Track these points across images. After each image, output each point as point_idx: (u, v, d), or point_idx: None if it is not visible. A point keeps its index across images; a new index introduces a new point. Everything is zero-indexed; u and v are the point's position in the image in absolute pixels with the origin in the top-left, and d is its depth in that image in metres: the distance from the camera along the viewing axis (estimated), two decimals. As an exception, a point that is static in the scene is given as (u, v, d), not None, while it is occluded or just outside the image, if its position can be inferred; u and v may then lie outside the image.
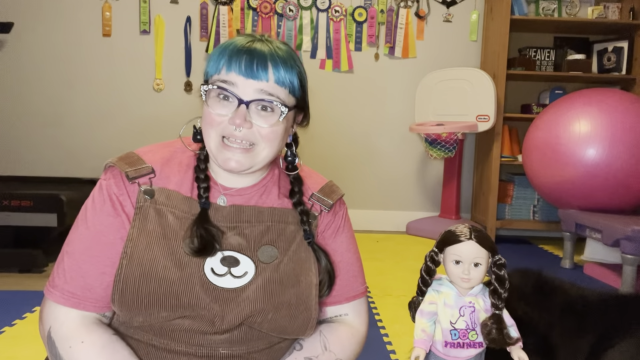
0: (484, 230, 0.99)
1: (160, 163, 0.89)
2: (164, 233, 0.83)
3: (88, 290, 0.82)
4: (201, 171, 0.88)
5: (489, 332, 0.86)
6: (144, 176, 0.86)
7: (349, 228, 0.99)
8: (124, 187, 0.85)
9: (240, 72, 0.81)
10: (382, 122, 3.74)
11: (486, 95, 3.28)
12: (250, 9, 3.57)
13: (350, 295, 0.96)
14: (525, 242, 3.59)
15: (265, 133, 0.84)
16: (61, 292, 0.82)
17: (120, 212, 0.84)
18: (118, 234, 0.84)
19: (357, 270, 0.98)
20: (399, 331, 1.89)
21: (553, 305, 1.22)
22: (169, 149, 0.92)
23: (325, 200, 0.95)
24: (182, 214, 0.85)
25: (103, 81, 3.59)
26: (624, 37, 3.45)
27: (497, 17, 3.38)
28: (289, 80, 0.85)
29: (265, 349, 0.87)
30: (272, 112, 0.84)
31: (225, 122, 0.83)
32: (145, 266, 0.81)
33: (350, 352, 0.93)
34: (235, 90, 0.82)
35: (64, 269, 0.84)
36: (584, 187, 2.74)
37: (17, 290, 2.20)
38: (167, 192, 0.86)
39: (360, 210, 3.79)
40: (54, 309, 0.83)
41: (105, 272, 0.82)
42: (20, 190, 2.46)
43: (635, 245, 2.33)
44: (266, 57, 0.83)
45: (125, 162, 0.87)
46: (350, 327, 0.95)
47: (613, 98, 2.81)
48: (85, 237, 0.84)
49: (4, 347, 1.67)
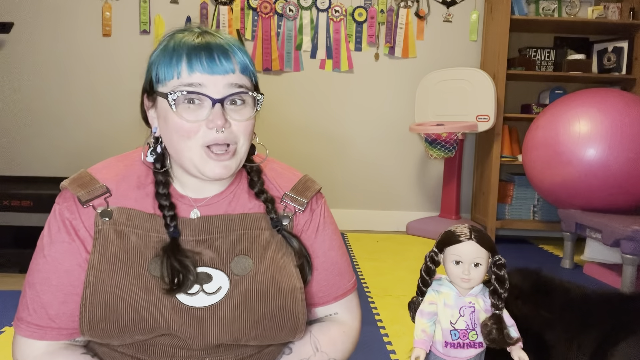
0: (483, 230, 0.99)
1: (116, 180, 0.83)
2: (127, 256, 0.78)
3: (51, 320, 0.79)
4: (163, 197, 0.81)
5: (489, 332, 0.86)
6: (98, 197, 0.80)
7: (330, 223, 0.93)
8: (76, 211, 0.80)
9: (204, 70, 0.76)
10: (382, 122, 3.74)
11: (486, 95, 3.28)
12: (250, 9, 3.57)
13: (338, 294, 0.93)
14: (525, 242, 3.59)
15: (243, 127, 0.80)
16: (26, 325, 0.81)
17: (74, 238, 0.80)
18: (75, 260, 0.79)
19: (343, 267, 0.94)
20: (399, 331, 1.89)
21: (553, 303, 1.22)
22: (124, 163, 0.86)
23: (298, 199, 0.88)
24: (146, 232, 0.80)
25: (103, 81, 3.60)
26: (624, 37, 3.45)
27: (497, 17, 3.38)
28: (250, 67, 0.81)
29: (254, 354, 0.85)
30: (244, 103, 0.80)
31: (202, 128, 0.77)
32: (109, 294, 0.76)
33: (343, 350, 0.91)
34: (205, 90, 0.76)
35: (26, 301, 0.82)
36: (584, 187, 2.74)
37: (17, 290, 2.19)
38: (127, 212, 0.80)
39: (360, 210, 3.79)
40: (21, 343, 0.82)
41: (66, 301, 0.79)
42: (20, 190, 2.46)
43: (635, 245, 2.33)
44: (224, 47, 0.78)
45: (77, 184, 0.81)
46: (341, 324, 0.93)
47: (613, 98, 2.81)
48: (43, 267, 0.80)
49: (4, 347, 1.67)
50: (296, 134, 3.69)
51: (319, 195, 0.93)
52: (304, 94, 3.69)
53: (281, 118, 3.66)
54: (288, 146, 3.65)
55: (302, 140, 3.71)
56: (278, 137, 3.62)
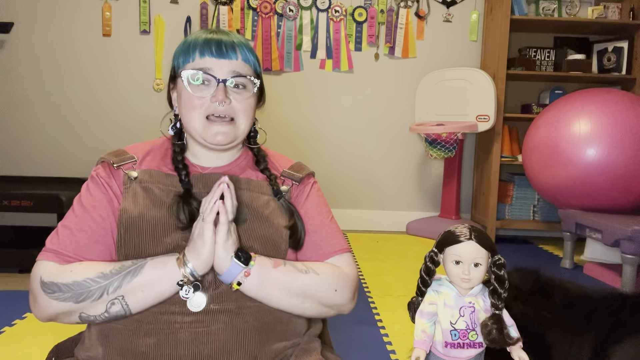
0: (483, 230, 0.99)
1: (142, 153, 1.01)
2: (152, 203, 0.92)
3: (80, 255, 0.89)
4: (178, 161, 0.98)
5: (489, 332, 0.86)
6: (127, 163, 0.97)
7: (319, 197, 1.05)
8: (110, 173, 0.96)
9: (212, 55, 0.94)
10: (382, 122, 3.74)
11: (486, 95, 3.29)
12: (250, 9, 3.57)
13: (331, 250, 0.98)
14: (525, 242, 3.59)
15: (242, 106, 0.96)
16: (53, 252, 0.88)
17: (108, 191, 0.94)
18: (110, 208, 0.93)
19: (332, 231, 1.01)
20: (399, 331, 1.89)
21: (553, 303, 1.22)
22: (150, 144, 1.05)
23: (294, 175, 1.04)
24: (166, 187, 0.95)
25: (103, 81, 3.59)
26: (624, 37, 3.45)
27: (497, 17, 3.38)
28: (252, 59, 0.98)
29: (255, 304, 0.90)
30: (245, 89, 0.97)
31: (206, 102, 0.94)
32: (141, 230, 0.90)
33: (333, 278, 0.93)
34: (212, 72, 0.94)
35: (57, 237, 0.90)
36: (584, 187, 2.74)
37: (17, 290, 2.20)
38: (150, 172, 0.97)
39: (361, 210, 3.79)
40: (43, 264, 0.87)
41: (98, 241, 0.90)
42: (20, 190, 2.46)
43: (635, 245, 2.33)
44: (232, 41, 0.96)
45: (112, 155, 0.99)
46: (336, 267, 0.97)
47: (613, 98, 2.81)
48: (79, 211, 0.93)
49: (4, 347, 1.67)
50: (296, 133, 3.69)
51: (312, 176, 1.07)
52: (304, 94, 3.69)
53: (281, 118, 3.66)
54: (288, 146, 3.65)
55: (301, 140, 3.71)
56: (278, 136, 3.63)
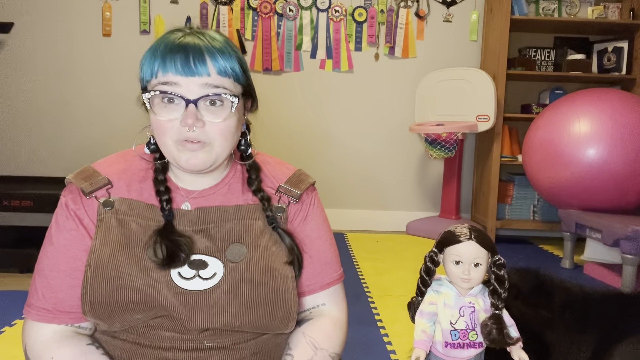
0: (483, 230, 0.99)
1: (117, 173, 0.87)
2: (127, 242, 0.83)
3: (60, 304, 0.83)
4: (160, 182, 0.86)
5: (489, 332, 0.86)
6: (100, 188, 0.85)
7: (320, 214, 0.96)
8: (80, 202, 0.85)
9: (177, 71, 0.78)
10: (382, 122, 3.74)
11: (486, 95, 3.29)
12: (250, 9, 3.57)
13: (324, 282, 0.93)
14: (525, 242, 3.59)
15: (219, 129, 0.81)
16: (36, 309, 0.84)
17: (79, 226, 0.85)
18: (81, 246, 0.84)
19: (330, 257, 0.95)
20: (399, 331, 1.89)
21: (553, 303, 1.22)
22: (125, 158, 0.91)
23: (292, 191, 0.92)
24: (146, 221, 0.84)
25: (103, 81, 3.60)
26: (624, 37, 3.45)
27: (497, 17, 3.38)
28: (231, 68, 0.81)
29: (251, 339, 0.87)
30: (222, 105, 0.80)
31: (176, 126, 0.80)
32: (109, 275, 0.81)
33: (338, 343, 0.92)
34: (179, 90, 0.78)
35: (35, 287, 0.85)
36: (584, 187, 2.74)
37: (17, 290, 2.20)
38: (128, 202, 0.85)
39: (360, 210, 3.79)
40: (29, 327, 0.85)
41: (74, 285, 0.83)
42: (20, 190, 2.46)
43: (635, 245, 2.33)
44: (201, 50, 0.79)
45: (80, 178, 0.86)
46: (330, 317, 0.94)
47: (613, 98, 2.81)
48: (51, 254, 0.85)
49: (4, 347, 1.67)
50: (296, 133, 3.69)
51: (312, 188, 0.97)
52: (304, 94, 3.69)
53: (281, 118, 3.66)
54: (288, 146, 3.65)
55: (301, 140, 3.71)
56: (278, 136, 3.63)
